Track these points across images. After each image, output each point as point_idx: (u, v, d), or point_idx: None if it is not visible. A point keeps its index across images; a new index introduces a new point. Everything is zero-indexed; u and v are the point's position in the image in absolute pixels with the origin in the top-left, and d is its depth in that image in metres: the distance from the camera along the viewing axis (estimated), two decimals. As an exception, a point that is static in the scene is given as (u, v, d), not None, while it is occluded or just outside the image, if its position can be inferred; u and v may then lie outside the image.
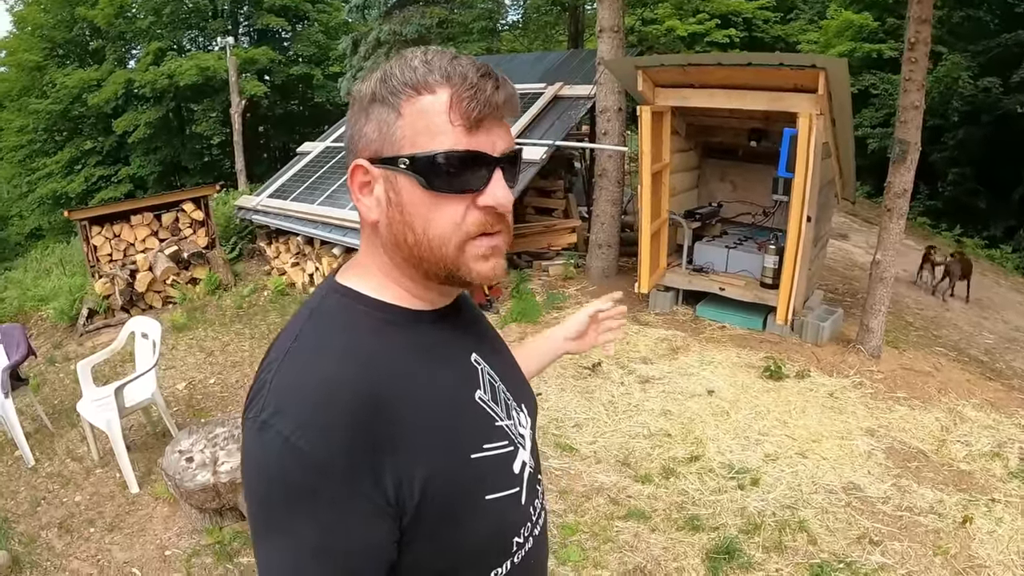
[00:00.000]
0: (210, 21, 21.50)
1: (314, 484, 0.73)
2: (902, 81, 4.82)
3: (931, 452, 3.98)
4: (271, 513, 0.75)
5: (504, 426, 0.93)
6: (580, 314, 1.40)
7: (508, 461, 0.91)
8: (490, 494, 0.87)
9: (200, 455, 3.54)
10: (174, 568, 3.37)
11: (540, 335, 1.43)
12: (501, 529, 0.89)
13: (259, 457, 0.76)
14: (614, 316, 1.41)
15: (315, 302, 0.89)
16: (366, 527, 0.75)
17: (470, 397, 0.90)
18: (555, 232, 8.02)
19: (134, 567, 3.41)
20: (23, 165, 21.16)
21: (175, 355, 6.24)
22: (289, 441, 0.73)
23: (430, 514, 0.79)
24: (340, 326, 0.85)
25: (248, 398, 0.81)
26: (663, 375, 4.99)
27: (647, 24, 17.96)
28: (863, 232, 11.13)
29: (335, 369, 0.78)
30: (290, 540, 0.74)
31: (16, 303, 7.91)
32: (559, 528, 3.37)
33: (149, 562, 3.43)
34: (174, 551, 3.48)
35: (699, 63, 5.29)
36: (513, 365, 1.10)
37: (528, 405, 1.06)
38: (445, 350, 0.92)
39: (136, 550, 3.53)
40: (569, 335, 1.40)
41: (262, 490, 0.76)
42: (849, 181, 6.46)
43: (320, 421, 0.74)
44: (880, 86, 16.16)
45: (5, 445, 4.74)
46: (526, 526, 0.94)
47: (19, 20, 20.83)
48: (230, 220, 9.34)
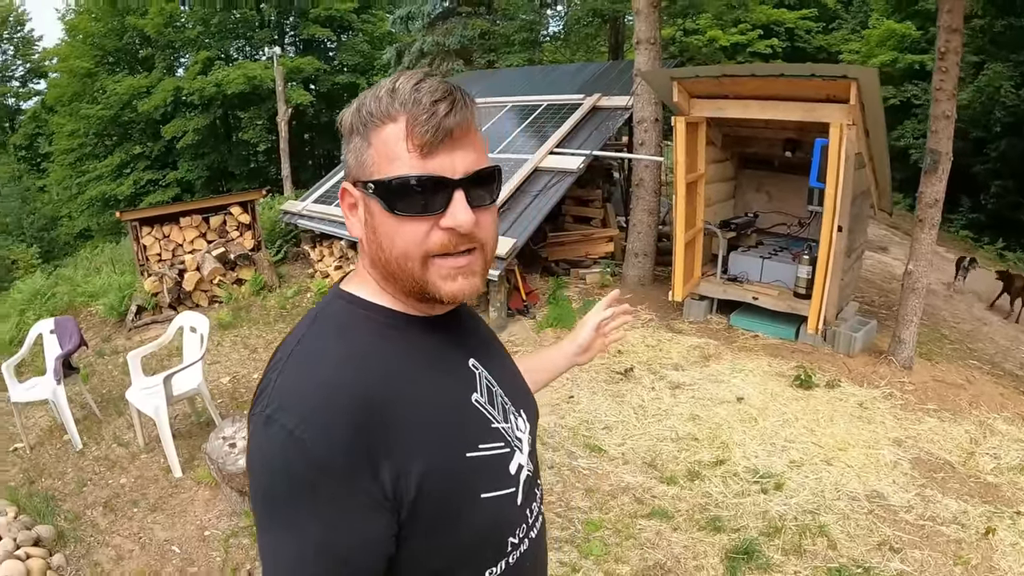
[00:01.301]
0: (257, 31, 22.07)
1: (315, 476, 0.77)
2: (933, 91, 4.81)
3: (958, 464, 3.96)
4: (275, 503, 0.79)
5: (500, 428, 0.96)
6: (587, 327, 1.43)
7: (504, 462, 0.94)
8: (486, 492, 0.90)
9: (242, 441, 3.70)
10: (212, 547, 3.53)
11: (550, 349, 1.47)
12: (496, 528, 0.93)
13: (264, 449, 0.80)
14: (618, 316, 1.45)
15: (321, 306, 0.95)
16: (365, 520, 0.79)
17: (466, 399, 0.94)
18: (592, 241, 8.10)
19: (174, 545, 3.58)
20: (74, 168, 21.93)
21: (220, 351, 6.46)
22: (293, 434, 0.77)
23: (427, 509, 0.82)
24: (342, 328, 0.90)
25: (255, 395, 0.85)
26: (694, 381, 5.03)
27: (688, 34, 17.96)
28: (903, 245, 10.95)
29: (333, 376, 0.82)
30: (292, 530, 0.77)
31: (66, 298, 8.21)
32: (584, 524, 3.45)
33: (188, 541, 3.60)
34: (213, 531, 3.65)
35: (733, 74, 5.34)
36: (514, 373, 1.13)
37: (528, 411, 1.09)
38: (443, 354, 0.96)
39: (177, 529, 3.71)
40: (580, 349, 1.44)
41: (266, 481, 0.80)
42: (885, 192, 6.43)
43: (320, 417, 0.78)
44: (922, 97, 15.91)
45: (55, 429, 4.99)
46: (521, 527, 0.97)
47: (71, 28, 21.67)
48: (276, 224, 9.61)
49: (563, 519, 3.50)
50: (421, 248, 0.86)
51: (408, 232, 0.85)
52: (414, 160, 0.83)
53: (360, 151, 0.87)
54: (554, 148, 7.32)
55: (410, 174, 0.83)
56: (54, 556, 3.48)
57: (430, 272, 0.87)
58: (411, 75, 0.87)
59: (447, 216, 0.85)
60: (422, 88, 0.84)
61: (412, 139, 0.83)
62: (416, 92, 0.84)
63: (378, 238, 0.88)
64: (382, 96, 0.85)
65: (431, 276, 0.87)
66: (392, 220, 0.86)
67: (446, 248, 0.86)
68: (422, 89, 0.84)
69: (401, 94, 0.84)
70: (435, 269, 0.87)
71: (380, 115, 0.85)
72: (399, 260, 0.87)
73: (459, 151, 0.85)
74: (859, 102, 4.69)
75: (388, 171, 0.84)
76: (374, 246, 0.89)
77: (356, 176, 0.89)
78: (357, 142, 0.88)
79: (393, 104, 0.84)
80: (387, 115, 0.84)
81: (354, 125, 0.88)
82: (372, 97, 0.86)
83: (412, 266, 0.87)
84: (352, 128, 0.88)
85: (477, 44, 15.35)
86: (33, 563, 3.29)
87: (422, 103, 0.83)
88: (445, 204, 0.85)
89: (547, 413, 4.65)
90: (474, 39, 15.02)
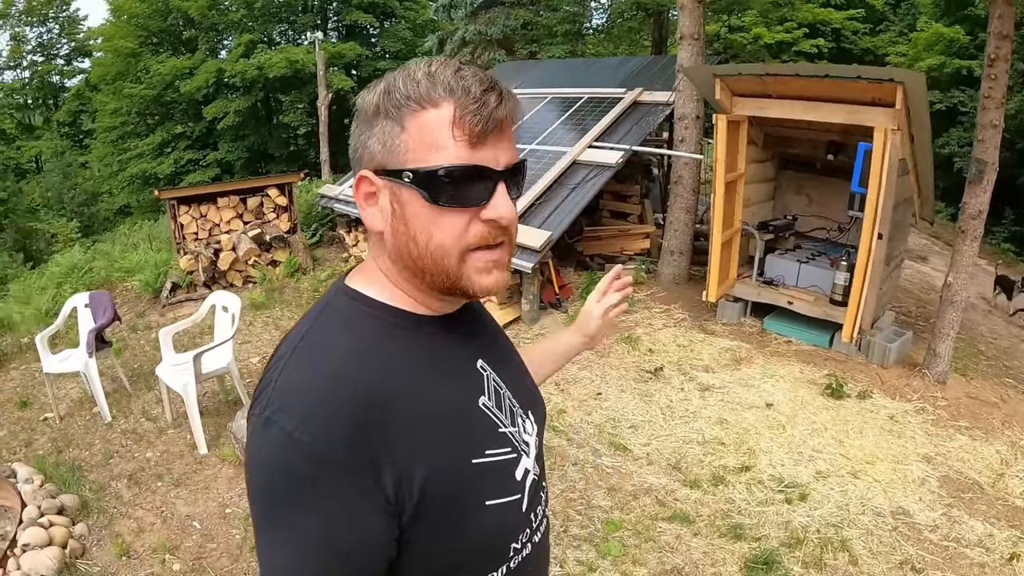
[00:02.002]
0: (300, 16, 22.24)
1: (315, 478, 0.75)
2: (981, 99, 4.66)
3: (987, 485, 3.86)
4: (274, 506, 0.77)
5: (508, 433, 0.94)
6: (594, 317, 1.40)
7: (510, 467, 0.92)
8: (490, 499, 0.87)
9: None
10: (232, 525, 3.59)
11: (556, 338, 1.45)
12: (500, 534, 0.90)
13: (263, 451, 0.78)
14: (621, 301, 1.42)
15: (324, 303, 0.91)
16: (365, 522, 0.77)
17: (473, 402, 0.91)
18: (629, 237, 8.02)
19: (195, 520, 3.64)
20: (115, 145, 22.34)
21: (252, 331, 6.54)
22: (292, 436, 0.75)
23: (429, 515, 0.80)
24: (345, 327, 0.87)
25: (255, 394, 0.83)
26: (723, 384, 4.97)
27: (733, 31, 17.65)
28: (944, 255, 10.67)
29: (338, 369, 0.81)
30: (292, 532, 0.76)
31: (103, 273, 8.38)
32: (604, 523, 3.42)
33: (209, 517, 3.66)
34: (234, 510, 3.71)
35: (777, 73, 5.23)
36: (523, 373, 1.11)
37: (536, 413, 1.06)
38: (450, 355, 0.93)
39: (199, 505, 3.77)
40: (586, 339, 1.42)
41: (265, 483, 0.78)
42: (928, 200, 6.27)
43: (322, 418, 0.76)
44: (969, 104, 15.44)
45: (85, 401, 5.09)
46: (525, 532, 0.95)
47: (116, 9, 21.97)
48: (312, 207, 9.68)
49: (583, 517, 3.48)
50: (461, 241, 0.83)
51: (448, 224, 0.82)
52: (462, 150, 0.80)
53: (390, 136, 0.82)
54: (593, 142, 7.24)
55: (458, 164, 0.80)
56: (77, 525, 3.56)
57: (466, 266, 0.85)
58: (445, 62, 0.84)
59: (489, 208, 0.83)
60: (467, 76, 0.81)
61: (460, 127, 0.79)
62: (462, 80, 0.81)
63: (410, 231, 0.84)
64: (421, 80, 0.81)
65: (467, 270, 0.85)
66: (431, 211, 0.82)
67: (485, 240, 0.84)
68: (467, 77, 0.81)
69: (443, 80, 0.81)
70: (472, 263, 0.85)
71: (419, 99, 0.80)
72: (435, 253, 0.83)
73: (501, 143, 0.83)
74: (905, 107, 4.56)
75: (431, 160, 0.80)
76: (403, 239, 0.85)
77: (382, 164, 0.83)
78: (387, 127, 0.82)
79: (435, 88, 0.80)
80: (428, 99, 0.80)
81: (383, 108, 0.82)
82: (407, 80, 0.82)
83: (449, 260, 0.84)
84: (380, 111, 0.83)
85: (519, 34, 15.27)
86: (56, 531, 3.36)
87: (471, 92, 0.80)
88: (487, 196, 0.82)
89: (574, 409, 4.63)
90: (516, 29, 14.96)
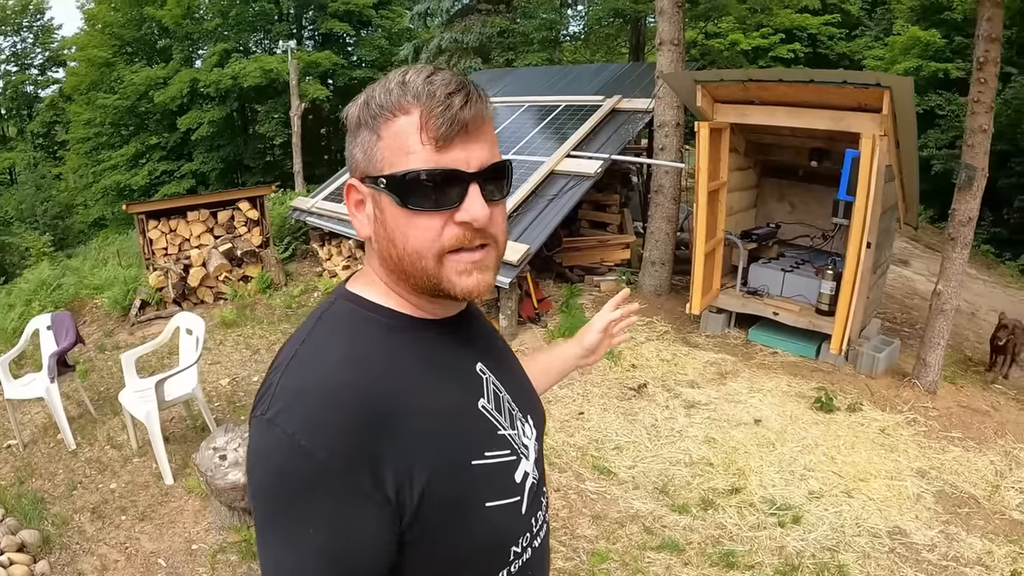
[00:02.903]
0: (275, 24, 22.02)
1: (316, 480, 0.75)
2: (969, 103, 4.59)
3: (983, 498, 3.76)
4: (275, 508, 0.78)
5: (507, 435, 0.94)
6: (593, 329, 1.40)
7: (510, 470, 0.92)
8: (490, 501, 0.87)
9: (233, 454, 3.54)
10: (199, 562, 3.39)
11: (553, 350, 1.44)
12: (499, 537, 0.90)
13: (264, 453, 0.79)
14: (624, 318, 1.42)
15: (325, 307, 0.92)
16: (366, 524, 0.77)
17: (473, 405, 0.92)
18: (608, 247, 7.91)
19: (160, 557, 3.45)
20: (89, 157, 22.01)
21: (222, 351, 6.33)
22: (293, 438, 0.76)
23: (429, 517, 0.80)
24: (346, 330, 0.88)
25: (256, 397, 0.84)
26: (710, 400, 4.84)
27: (710, 38, 17.67)
28: (925, 259, 10.71)
29: (339, 372, 0.81)
30: (293, 534, 0.76)
31: (72, 290, 8.13)
32: (588, 555, 3.27)
33: (176, 554, 3.46)
34: (201, 545, 3.51)
35: (760, 79, 5.14)
36: (522, 378, 1.11)
37: (535, 417, 1.07)
38: (450, 358, 0.94)
39: (164, 541, 3.57)
40: (586, 352, 1.41)
41: (266, 485, 0.79)
42: (912, 205, 6.20)
43: (322, 420, 0.77)
44: (946, 107, 15.63)
45: (48, 428, 4.87)
46: (525, 536, 0.94)
47: (90, 18, 21.72)
48: (285, 220, 9.48)
49: (567, 548, 3.33)
50: (435, 245, 0.84)
51: (422, 228, 0.84)
52: (428, 153, 0.81)
53: (369, 145, 0.85)
54: (571, 151, 7.12)
55: (425, 167, 0.81)
56: (38, 563, 3.39)
57: (445, 268, 0.85)
58: (421, 68, 0.85)
59: (462, 210, 0.83)
60: (435, 81, 0.82)
61: (427, 131, 0.81)
62: (429, 84, 0.82)
63: (389, 234, 0.86)
64: (392, 88, 0.83)
65: (446, 272, 0.85)
66: (405, 215, 0.84)
67: (461, 243, 0.85)
68: (435, 82, 0.82)
69: (413, 86, 0.82)
70: (450, 265, 0.85)
71: (391, 107, 0.82)
72: (412, 257, 0.85)
73: (473, 144, 0.84)
74: (891, 112, 4.48)
75: (401, 165, 0.82)
76: (385, 243, 0.87)
77: (365, 171, 0.86)
78: (366, 136, 0.85)
79: (405, 96, 0.82)
80: (399, 107, 0.82)
81: (362, 119, 0.85)
82: (382, 90, 0.84)
83: (425, 263, 0.85)
84: (360, 122, 0.86)
85: (496, 42, 15.21)
86: (16, 570, 3.21)
87: (436, 95, 0.81)
88: (460, 198, 0.83)
89: (556, 430, 4.47)
90: (493, 37, 14.89)
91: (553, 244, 7.53)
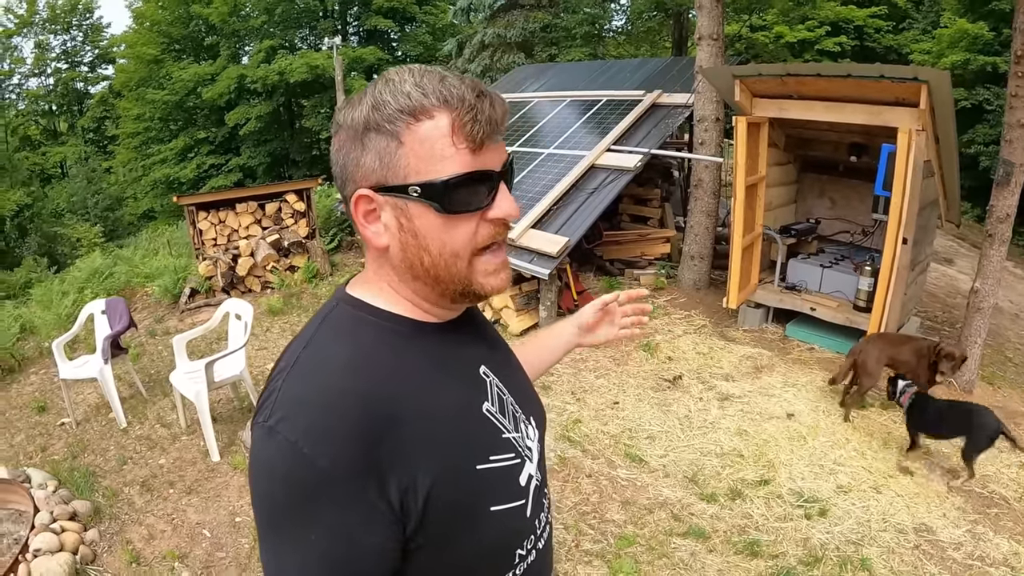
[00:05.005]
0: (320, 21, 22.40)
1: (319, 488, 0.75)
2: (1008, 97, 4.51)
3: (1014, 499, 3.72)
4: (278, 515, 0.77)
5: (511, 438, 0.94)
6: (590, 306, 1.40)
7: (514, 473, 0.92)
8: (495, 505, 0.87)
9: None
10: (242, 534, 3.56)
11: (549, 328, 1.45)
12: (505, 540, 0.90)
13: (267, 461, 0.78)
14: (633, 308, 1.41)
15: (326, 311, 0.91)
16: (370, 531, 0.76)
17: (477, 408, 0.91)
18: (648, 241, 7.91)
19: (205, 528, 3.62)
20: (139, 151, 22.68)
21: (268, 337, 6.53)
22: (296, 446, 0.75)
23: (434, 522, 0.80)
24: (348, 336, 0.87)
25: (259, 403, 0.83)
26: (744, 394, 4.85)
27: (755, 31, 17.41)
28: (970, 257, 10.44)
29: (341, 378, 0.81)
30: (296, 542, 0.75)
31: (124, 278, 8.44)
32: (617, 538, 3.34)
33: (220, 526, 3.64)
34: (244, 518, 3.67)
35: (798, 73, 5.10)
36: (523, 379, 1.11)
37: (536, 418, 1.06)
38: (453, 361, 0.93)
39: (209, 513, 3.75)
40: (580, 329, 1.40)
41: (269, 492, 0.78)
42: (954, 202, 6.10)
43: (325, 427, 0.76)
44: (995, 101, 15.12)
45: (101, 407, 5.11)
46: (530, 539, 0.94)
47: (138, 16, 22.42)
48: (331, 212, 9.71)
49: (596, 531, 3.41)
50: (471, 245, 0.85)
51: (460, 231, 0.84)
52: (465, 157, 0.81)
53: (387, 152, 0.82)
54: (612, 145, 7.15)
55: (465, 171, 0.81)
56: (88, 531, 3.56)
57: (475, 270, 0.86)
58: (425, 71, 0.83)
59: (495, 208, 0.85)
60: (455, 84, 0.81)
61: (460, 135, 0.80)
62: (452, 88, 0.81)
63: (421, 242, 0.84)
64: (410, 92, 0.81)
65: (475, 274, 0.87)
66: (443, 221, 0.83)
67: (494, 239, 0.87)
68: (456, 85, 0.81)
69: (433, 90, 0.80)
70: (480, 266, 0.87)
71: (412, 111, 0.80)
72: (448, 260, 0.85)
73: (498, 144, 0.85)
74: (929, 106, 4.42)
75: (437, 171, 0.81)
76: (414, 251, 0.85)
77: (382, 180, 0.83)
78: (381, 142, 0.82)
79: (427, 99, 0.80)
80: (421, 110, 0.80)
81: (374, 123, 0.82)
82: (396, 93, 0.81)
83: (460, 264, 0.85)
84: (371, 126, 0.82)
85: (539, 37, 15.21)
86: (67, 536, 3.37)
87: (466, 99, 0.80)
88: (490, 197, 0.84)
89: (591, 419, 4.55)
90: (536, 32, 14.90)
91: (594, 237, 7.56)
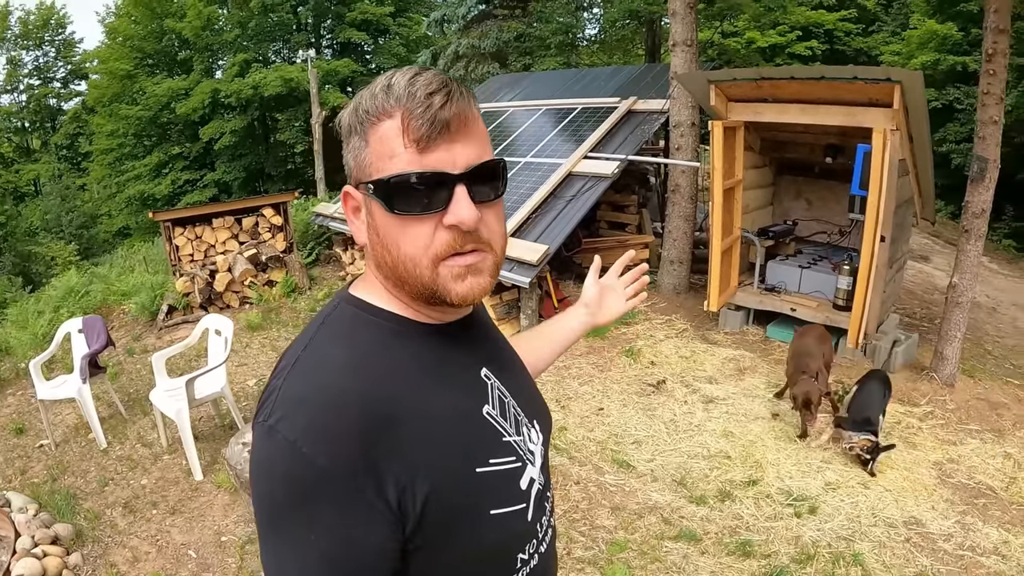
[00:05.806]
0: (294, 34, 22.31)
1: (318, 488, 0.74)
2: (980, 95, 4.61)
3: (1000, 489, 3.77)
4: (277, 515, 0.77)
5: (512, 442, 0.92)
6: (588, 285, 1.43)
7: (515, 477, 0.91)
8: (495, 508, 0.86)
9: (260, 449, 3.65)
10: (228, 553, 3.50)
11: (556, 319, 1.45)
12: (505, 544, 0.89)
13: (266, 460, 0.78)
14: (631, 276, 1.46)
15: (328, 311, 0.91)
16: (368, 532, 0.76)
17: (478, 411, 0.90)
18: (627, 247, 7.90)
19: (190, 549, 3.56)
20: (113, 167, 22.37)
21: (248, 353, 6.46)
22: (295, 445, 0.74)
23: (433, 525, 0.79)
24: (349, 336, 0.86)
25: (259, 402, 0.83)
26: (728, 396, 4.88)
27: (727, 36, 17.63)
28: (946, 254, 10.61)
29: (341, 378, 0.80)
30: (295, 542, 0.75)
31: (100, 297, 8.30)
32: (608, 544, 3.33)
33: (205, 546, 3.57)
34: (230, 537, 3.62)
35: (772, 77, 5.17)
36: (528, 383, 1.10)
37: (541, 422, 1.05)
38: (454, 364, 0.92)
39: (194, 533, 3.68)
40: (589, 306, 1.43)
41: (268, 492, 0.78)
42: (928, 200, 6.19)
43: (324, 427, 0.76)
44: (965, 100, 15.39)
45: (80, 427, 5.01)
46: (531, 543, 0.93)
47: (111, 31, 22.14)
48: (308, 226, 9.64)
49: (587, 538, 3.39)
50: (429, 252, 0.82)
51: (412, 234, 0.82)
52: (411, 156, 0.79)
53: (359, 151, 0.84)
54: (589, 152, 7.18)
55: (407, 171, 0.79)
56: (71, 555, 3.49)
57: (440, 275, 0.84)
58: (406, 70, 0.83)
59: (449, 213, 0.81)
60: (417, 82, 0.81)
61: (408, 134, 0.79)
62: (411, 86, 0.80)
63: (382, 241, 0.84)
64: (377, 93, 0.82)
65: (441, 279, 0.84)
66: (394, 221, 0.82)
67: (452, 248, 0.82)
68: (417, 83, 0.80)
69: (396, 89, 0.81)
70: (445, 270, 0.83)
71: (376, 112, 0.81)
72: (406, 264, 0.83)
73: (458, 144, 0.81)
74: (903, 106, 4.50)
75: (386, 169, 0.81)
76: (379, 250, 0.86)
77: (357, 178, 0.85)
78: (356, 142, 0.84)
79: (388, 100, 0.81)
80: (383, 111, 0.81)
81: (352, 125, 0.84)
82: (368, 95, 0.83)
83: (420, 270, 0.83)
84: (350, 128, 0.85)
85: (513, 47, 15.29)
86: (49, 561, 3.30)
87: (416, 96, 0.79)
88: (447, 201, 0.81)
89: (576, 426, 4.54)
90: (510, 42, 14.98)
91: (572, 245, 7.59)
